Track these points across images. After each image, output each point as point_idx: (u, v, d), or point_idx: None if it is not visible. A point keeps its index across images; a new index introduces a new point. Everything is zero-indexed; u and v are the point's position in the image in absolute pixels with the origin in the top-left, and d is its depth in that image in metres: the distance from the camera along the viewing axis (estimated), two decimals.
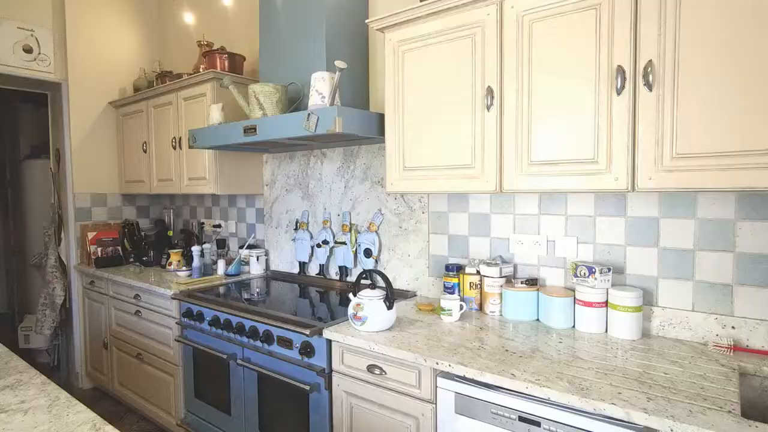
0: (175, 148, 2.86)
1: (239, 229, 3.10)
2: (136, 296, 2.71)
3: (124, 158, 3.37)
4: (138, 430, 2.76)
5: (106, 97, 3.39)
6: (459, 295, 1.88)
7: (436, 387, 1.42)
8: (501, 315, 1.83)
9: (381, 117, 1.96)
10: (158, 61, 3.59)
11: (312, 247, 2.62)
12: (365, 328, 1.62)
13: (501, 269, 1.83)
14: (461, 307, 1.77)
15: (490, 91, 1.55)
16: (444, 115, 1.68)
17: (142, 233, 3.41)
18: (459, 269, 1.95)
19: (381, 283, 2.31)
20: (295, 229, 2.69)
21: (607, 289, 1.59)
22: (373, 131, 1.93)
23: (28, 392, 1.19)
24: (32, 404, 1.12)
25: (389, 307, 1.63)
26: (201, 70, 2.79)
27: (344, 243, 2.43)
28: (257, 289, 2.48)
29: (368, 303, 1.62)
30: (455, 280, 1.93)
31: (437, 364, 1.38)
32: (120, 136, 3.40)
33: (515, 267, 1.90)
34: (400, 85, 1.80)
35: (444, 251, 2.10)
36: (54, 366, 3.61)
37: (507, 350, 1.45)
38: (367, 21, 1.88)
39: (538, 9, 1.44)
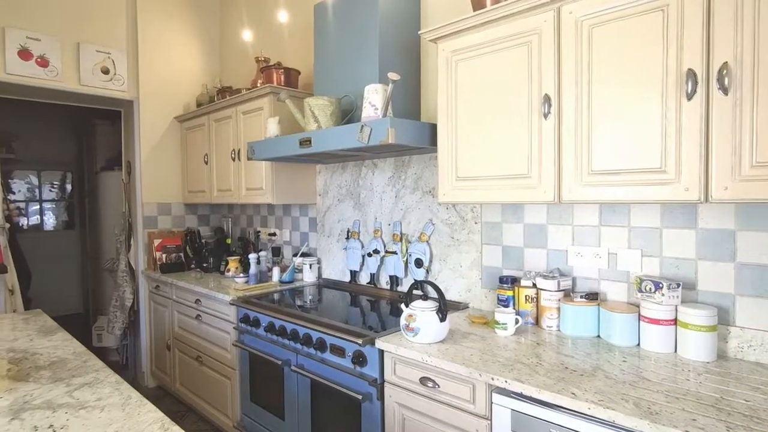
0: (234, 159, 2.99)
1: (293, 237, 3.19)
2: (197, 301, 2.85)
3: (187, 170, 3.57)
4: (197, 430, 2.89)
5: (172, 112, 3.61)
6: (514, 309, 1.83)
7: (492, 403, 1.38)
8: (558, 330, 1.76)
9: (433, 127, 1.96)
10: (219, 77, 3.79)
11: (363, 256, 2.64)
12: (418, 339, 1.61)
13: (559, 282, 1.76)
14: (516, 321, 1.72)
15: (547, 98, 1.51)
16: (498, 124, 1.66)
17: (203, 240, 3.59)
18: (513, 281, 1.90)
19: (433, 293, 2.29)
20: (347, 238, 2.73)
21: (676, 305, 1.49)
22: (425, 141, 1.93)
23: (104, 390, 1.28)
24: (108, 402, 1.20)
25: (442, 319, 1.61)
26: (258, 85, 2.91)
27: (395, 253, 2.44)
28: (310, 297, 2.53)
29: (420, 314, 1.61)
30: (510, 293, 1.88)
31: (493, 379, 1.34)
32: (184, 149, 3.61)
33: (574, 280, 1.82)
34: (453, 95, 1.79)
35: (497, 263, 2.05)
36: (123, 364, 3.86)
37: (567, 367, 1.39)
38: (419, 32, 1.89)
39: (599, 13, 1.39)
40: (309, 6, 2.99)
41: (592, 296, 1.70)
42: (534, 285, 1.84)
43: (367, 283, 2.62)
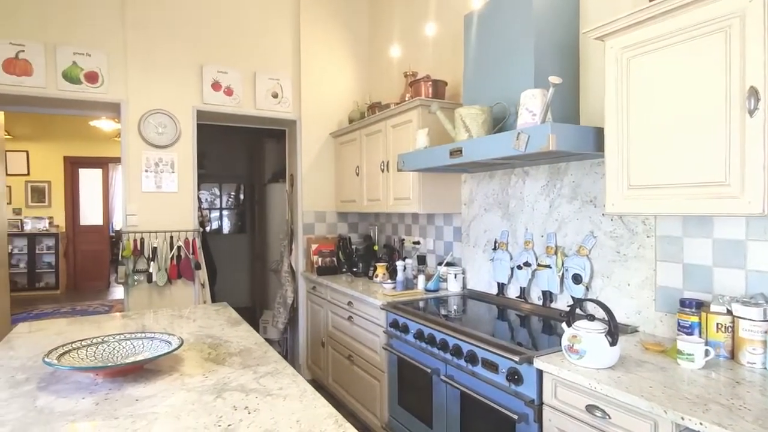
0: (383, 171, 3.14)
1: (437, 246, 3.22)
2: (349, 303, 3.05)
3: (340, 181, 3.86)
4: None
5: (328, 129, 3.95)
6: (702, 338, 1.57)
7: None
8: (764, 368, 1.46)
9: (598, 131, 1.80)
10: (369, 94, 4.04)
11: (512, 269, 2.54)
12: (583, 363, 1.48)
13: (765, 311, 1.46)
14: (707, 353, 1.47)
15: (753, 92, 1.27)
16: (683, 124, 1.45)
17: (353, 247, 3.83)
18: (699, 306, 1.63)
19: (599, 313, 2.09)
20: (494, 248, 2.66)
21: None
22: (588, 147, 1.79)
23: (283, 381, 1.43)
24: (288, 392, 1.34)
25: (612, 343, 1.46)
26: (407, 98, 3.01)
27: (548, 266, 2.29)
28: (455, 307, 2.52)
29: (586, 336, 1.48)
30: (695, 319, 1.62)
31: (682, 419, 1.16)
32: (337, 162, 3.92)
33: None
34: (624, 95, 1.62)
35: (677, 283, 1.79)
36: (283, 356, 4.31)
37: None
38: (583, 31, 1.76)
39: None
40: (455, 16, 3.00)
41: None
42: (729, 312, 1.55)
43: (517, 297, 2.51)
